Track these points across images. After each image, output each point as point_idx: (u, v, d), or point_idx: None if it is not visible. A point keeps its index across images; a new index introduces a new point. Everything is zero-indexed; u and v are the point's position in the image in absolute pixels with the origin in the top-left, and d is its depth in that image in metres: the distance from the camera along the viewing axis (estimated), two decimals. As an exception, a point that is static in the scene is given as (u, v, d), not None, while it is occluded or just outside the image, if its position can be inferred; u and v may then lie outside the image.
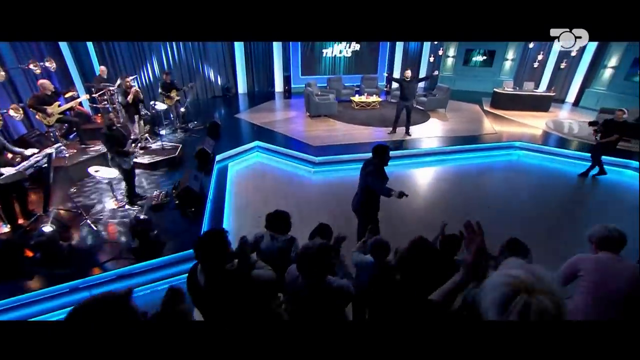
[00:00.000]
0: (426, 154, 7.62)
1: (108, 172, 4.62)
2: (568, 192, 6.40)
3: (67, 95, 6.22)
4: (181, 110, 8.39)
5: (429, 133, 8.59)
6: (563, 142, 8.11)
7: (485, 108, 11.04)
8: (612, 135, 6.09)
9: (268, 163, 7.40)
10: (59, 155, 5.33)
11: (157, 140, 6.84)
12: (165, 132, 7.78)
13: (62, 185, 5.26)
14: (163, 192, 5.09)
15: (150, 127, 7.30)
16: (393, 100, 10.56)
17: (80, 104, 6.76)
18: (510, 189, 6.39)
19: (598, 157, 6.42)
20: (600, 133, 6.21)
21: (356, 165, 4.12)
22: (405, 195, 3.39)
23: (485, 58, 13.47)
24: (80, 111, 7.00)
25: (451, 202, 5.74)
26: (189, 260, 3.80)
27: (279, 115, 10.02)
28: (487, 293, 0.92)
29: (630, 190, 6.25)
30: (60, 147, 5.46)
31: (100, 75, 7.43)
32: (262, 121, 9.21)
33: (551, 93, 10.93)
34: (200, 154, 6.15)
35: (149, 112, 7.80)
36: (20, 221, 4.23)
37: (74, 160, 5.66)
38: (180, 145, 6.84)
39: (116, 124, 4.75)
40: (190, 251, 1.80)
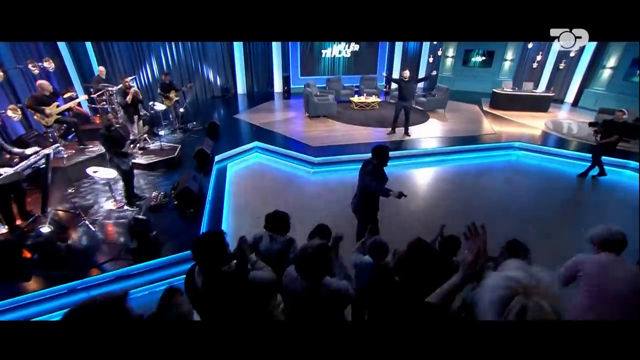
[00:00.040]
0: (425, 154, 7.61)
1: (107, 173, 4.61)
2: (567, 193, 6.40)
3: (66, 96, 6.20)
4: (180, 110, 8.37)
5: (428, 133, 8.59)
6: (562, 143, 8.12)
7: (485, 108, 11.05)
8: (612, 135, 6.09)
9: (267, 163, 7.39)
10: (57, 155, 5.33)
11: (156, 141, 6.83)
12: (164, 133, 7.76)
13: (60, 186, 5.24)
14: (162, 193, 5.08)
15: (149, 128, 7.29)
16: (392, 101, 10.55)
17: (79, 105, 6.75)
18: (510, 189, 6.38)
19: (598, 158, 6.43)
20: (601, 134, 6.21)
21: (355, 166, 4.11)
22: (404, 196, 3.34)
23: (484, 58, 13.47)
24: (78, 112, 6.99)
25: (450, 203, 5.73)
26: (187, 261, 3.78)
27: (278, 116, 10.02)
28: (485, 294, 0.91)
29: (630, 190, 6.26)
30: (59, 148, 5.46)
31: (99, 76, 7.41)
32: (261, 122, 9.20)
33: (550, 93, 10.95)
34: (199, 155, 6.15)
35: (147, 113, 7.79)
36: (18, 222, 4.22)
37: (72, 161, 5.65)
38: (179, 146, 6.83)
39: (115, 125, 4.74)
40: (189, 252, 1.79)
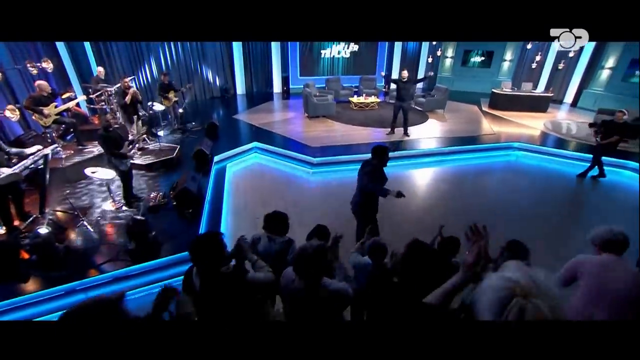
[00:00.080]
0: (425, 154, 7.61)
1: (105, 173, 4.59)
2: (566, 193, 6.40)
3: (64, 96, 6.19)
4: (179, 111, 8.36)
5: (427, 134, 8.60)
6: (561, 143, 8.13)
7: (484, 109, 11.06)
8: (613, 136, 6.08)
9: (266, 164, 7.38)
10: (55, 156, 5.31)
11: (155, 141, 6.81)
12: (163, 133, 7.76)
13: (59, 186, 5.23)
14: (160, 194, 5.06)
15: (147, 128, 7.27)
16: (392, 101, 10.52)
17: (77, 105, 6.73)
18: (509, 190, 6.38)
19: (599, 158, 6.42)
20: (601, 134, 6.19)
21: (355, 166, 4.10)
22: (403, 196, 3.33)
23: (483, 59, 13.49)
24: (77, 112, 6.97)
25: (450, 203, 5.73)
26: (186, 262, 3.75)
27: (278, 116, 10.01)
28: (483, 295, 0.91)
29: (629, 190, 6.26)
30: (57, 148, 5.44)
31: (98, 76, 7.39)
32: (261, 122, 9.19)
33: (549, 94, 10.97)
34: (198, 155, 6.13)
35: (146, 113, 7.77)
36: (16, 223, 4.20)
37: (70, 162, 5.64)
38: (178, 146, 6.81)
39: (113, 126, 4.72)
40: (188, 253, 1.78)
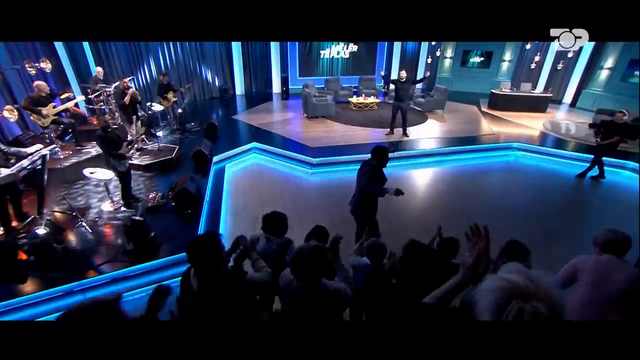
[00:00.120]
0: (424, 154, 7.61)
1: (104, 174, 4.58)
2: (566, 193, 6.40)
3: (63, 97, 6.17)
4: (178, 111, 8.34)
5: (426, 134, 8.60)
6: (560, 143, 8.13)
7: (483, 109, 11.07)
8: (613, 137, 6.07)
9: (265, 164, 7.37)
10: (53, 156, 5.30)
11: (154, 142, 6.80)
12: (162, 134, 7.74)
13: (57, 187, 5.21)
14: (159, 194, 5.05)
15: (146, 129, 7.26)
16: (391, 102, 10.55)
17: (76, 105, 6.71)
18: (508, 190, 6.38)
19: (599, 159, 6.41)
20: (601, 135, 6.18)
21: (354, 167, 4.10)
22: (402, 193, 3.35)
23: (482, 59, 13.49)
24: (76, 112, 6.94)
25: (449, 203, 5.73)
26: (185, 263, 3.75)
27: (277, 117, 10.00)
28: (482, 296, 0.90)
29: (628, 190, 6.27)
30: (55, 149, 5.42)
31: (97, 76, 7.38)
32: (260, 122, 9.18)
33: (548, 94, 10.98)
34: (197, 156, 6.12)
35: (145, 114, 7.76)
36: (14, 223, 4.18)
37: (69, 162, 5.62)
38: (177, 147, 6.80)
39: (111, 126, 4.71)
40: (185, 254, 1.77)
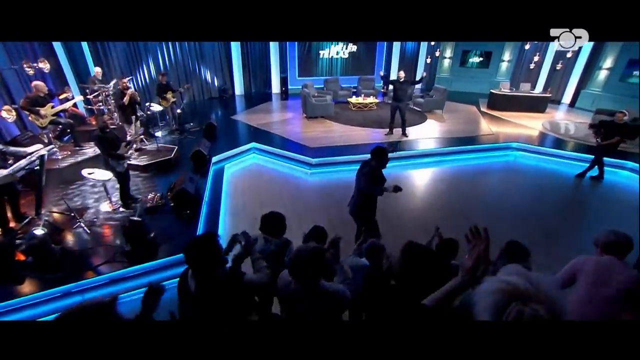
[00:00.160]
0: (423, 155, 7.61)
1: (102, 174, 4.56)
2: (565, 193, 6.40)
3: (61, 97, 6.16)
4: (177, 111, 8.33)
5: (426, 134, 8.60)
6: (560, 143, 8.14)
7: (482, 109, 11.07)
8: (613, 137, 6.06)
9: (264, 165, 7.36)
10: (52, 157, 5.28)
11: (153, 142, 6.78)
12: (161, 134, 7.73)
13: (55, 187, 5.20)
14: (158, 195, 5.03)
15: (145, 129, 7.25)
16: (390, 102, 10.57)
17: (74, 106, 6.70)
18: (507, 190, 6.38)
19: (600, 159, 6.41)
20: (601, 135, 6.17)
21: (353, 167, 4.10)
22: (400, 190, 3.39)
23: (481, 59, 13.50)
24: (74, 113, 6.94)
25: (448, 203, 5.72)
26: (183, 263, 3.74)
27: (276, 117, 10.00)
28: (482, 298, 0.90)
29: (628, 190, 6.27)
30: (53, 149, 5.41)
31: (95, 76, 7.36)
32: (259, 122, 9.17)
33: (547, 94, 10.99)
34: (196, 156, 6.11)
35: (144, 114, 7.74)
36: (12, 224, 4.17)
37: (67, 162, 5.60)
38: (176, 147, 6.78)
39: (109, 126, 4.70)
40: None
